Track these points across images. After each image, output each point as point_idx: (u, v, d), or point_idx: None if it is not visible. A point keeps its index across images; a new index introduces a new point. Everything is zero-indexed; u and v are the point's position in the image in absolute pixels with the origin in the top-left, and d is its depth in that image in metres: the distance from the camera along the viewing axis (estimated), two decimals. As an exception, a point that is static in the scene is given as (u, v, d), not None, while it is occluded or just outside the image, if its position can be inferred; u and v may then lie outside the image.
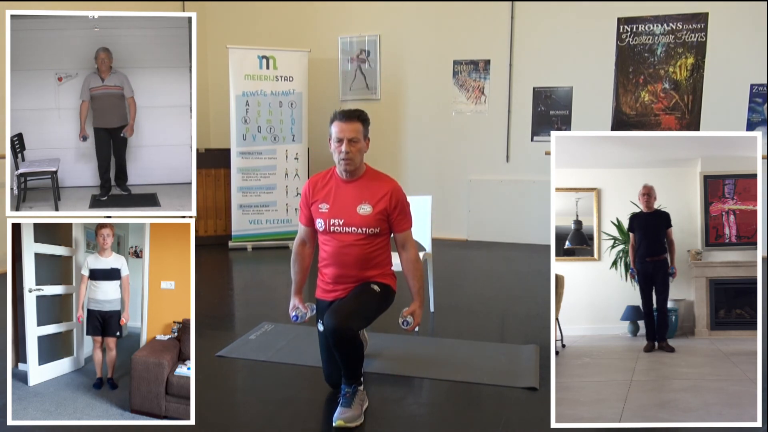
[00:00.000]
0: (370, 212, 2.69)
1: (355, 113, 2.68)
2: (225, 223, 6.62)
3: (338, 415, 2.56)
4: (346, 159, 2.66)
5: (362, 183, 2.75)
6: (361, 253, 2.71)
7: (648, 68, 6.24)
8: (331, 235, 2.73)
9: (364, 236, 2.70)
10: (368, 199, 2.71)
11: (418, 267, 2.81)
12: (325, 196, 2.75)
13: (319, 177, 2.82)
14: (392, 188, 2.74)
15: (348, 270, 2.73)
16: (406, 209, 2.79)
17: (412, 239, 2.84)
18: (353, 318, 2.59)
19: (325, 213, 2.73)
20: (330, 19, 7.13)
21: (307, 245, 2.90)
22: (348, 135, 2.64)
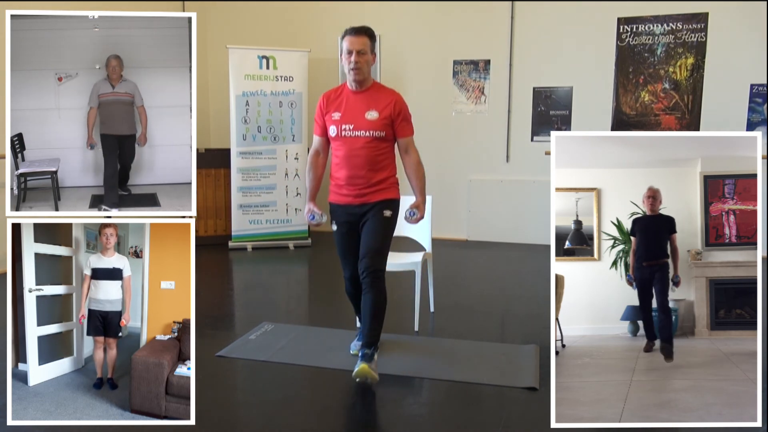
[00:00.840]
0: (376, 117, 3.03)
1: (363, 29, 3.02)
2: (225, 223, 6.62)
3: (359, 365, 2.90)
4: (355, 69, 2.99)
5: (369, 93, 3.09)
6: (370, 155, 3.04)
7: (648, 68, 6.24)
8: (343, 139, 3.06)
9: (372, 139, 3.03)
10: (375, 106, 3.05)
11: (420, 168, 3.16)
12: (337, 106, 3.09)
13: (331, 91, 3.18)
14: (396, 98, 3.10)
15: (358, 171, 3.04)
16: (408, 117, 3.14)
17: (414, 145, 3.18)
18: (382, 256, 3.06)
19: (337, 120, 3.07)
20: (330, 19, 7.13)
21: (321, 155, 3.24)
22: (357, 47, 2.97)
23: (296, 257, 6.16)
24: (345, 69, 3.03)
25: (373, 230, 3.06)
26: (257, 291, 5.02)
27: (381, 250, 3.06)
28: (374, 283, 3.00)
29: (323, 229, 7.26)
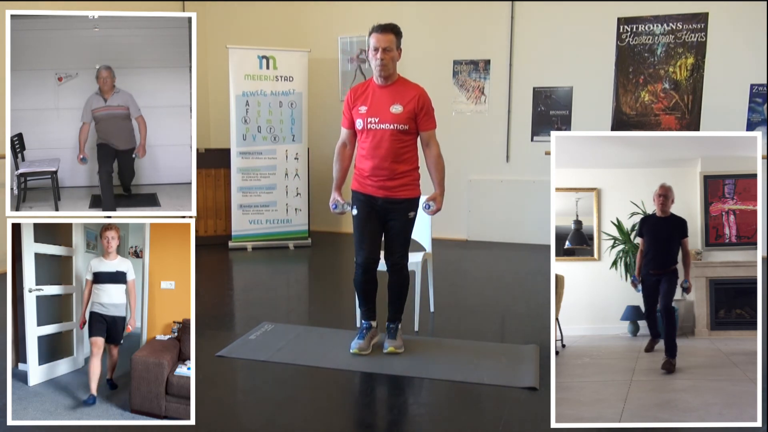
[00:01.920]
0: (401, 111, 3.16)
1: (389, 26, 3.17)
2: (225, 223, 6.61)
3: (388, 344, 3.34)
4: (381, 65, 3.13)
5: (394, 88, 3.22)
6: (393, 147, 3.18)
7: (648, 68, 6.24)
8: (369, 132, 3.19)
9: (396, 132, 3.17)
10: (399, 100, 3.18)
11: (440, 162, 3.32)
12: (364, 100, 3.23)
13: (359, 86, 3.31)
14: (420, 92, 3.23)
15: (382, 162, 3.19)
16: (431, 112, 3.27)
17: (435, 138, 3.31)
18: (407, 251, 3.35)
19: (363, 113, 3.20)
20: (330, 19, 7.13)
21: (348, 147, 3.37)
22: (383, 44, 3.12)
23: (296, 257, 6.16)
24: (372, 64, 3.17)
25: (400, 232, 3.29)
26: (257, 291, 5.02)
27: (406, 246, 3.35)
28: (401, 271, 3.33)
29: (323, 230, 7.26)
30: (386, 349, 3.34)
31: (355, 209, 3.29)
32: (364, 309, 3.41)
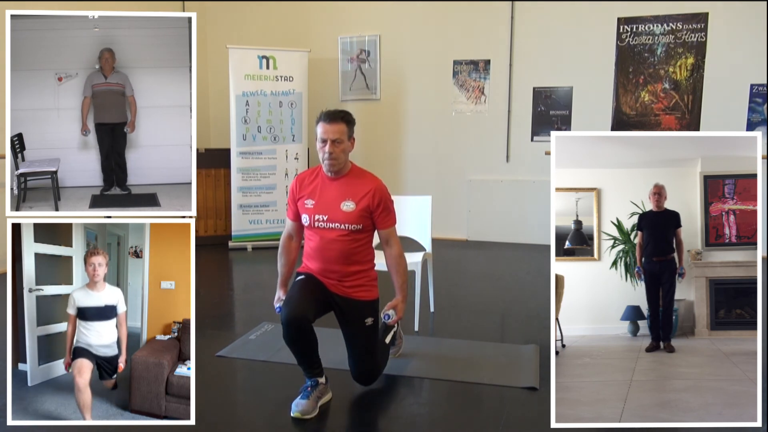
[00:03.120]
0: (353, 209, 2.77)
1: (339, 114, 2.75)
2: (225, 223, 6.62)
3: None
4: (330, 160, 2.74)
5: (346, 181, 2.82)
6: (344, 249, 2.79)
7: (648, 68, 6.24)
8: (316, 230, 2.81)
9: (347, 232, 2.78)
10: (351, 196, 2.79)
11: (402, 263, 2.89)
12: (311, 193, 2.83)
13: (306, 174, 2.91)
14: (375, 186, 2.81)
15: (331, 265, 2.80)
16: (390, 207, 2.86)
17: (396, 236, 2.90)
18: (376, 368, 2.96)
19: (310, 209, 2.81)
20: (330, 19, 7.13)
21: (294, 239, 2.99)
22: (332, 136, 2.71)
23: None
24: (319, 156, 2.78)
25: (360, 345, 2.87)
26: (257, 291, 5.02)
27: (373, 360, 2.93)
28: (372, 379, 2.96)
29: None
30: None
31: (300, 276, 2.87)
32: (303, 367, 2.77)
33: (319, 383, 2.75)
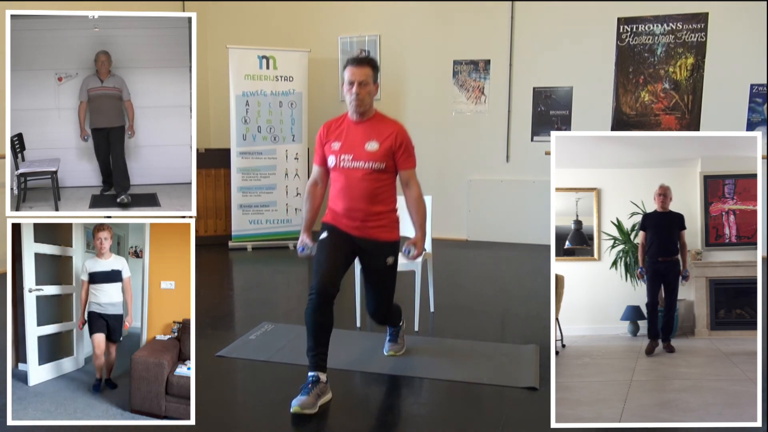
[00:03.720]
0: (377, 149, 2.92)
1: (365, 59, 2.94)
2: (225, 223, 6.62)
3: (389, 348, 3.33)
4: (356, 100, 2.89)
5: (371, 124, 2.97)
6: (369, 188, 2.93)
7: (648, 68, 6.24)
8: (341, 170, 2.95)
9: (371, 171, 2.92)
10: (376, 137, 2.94)
11: (421, 202, 3.07)
12: (337, 136, 2.98)
13: (332, 121, 3.06)
14: (398, 129, 2.99)
15: (356, 203, 2.93)
16: (410, 149, 3.04)
17: (415, 178, 3.08)
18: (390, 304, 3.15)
19: (336, 150, 2.96)
20: (330, 19, 7.13)
21: (319, 185, 3.11)
22: (359, 78, 2.87)
23: (296, 257, 6.14)
24: (346, 99, 2.93)
25: (381, 283, 3.06)
26: (257, 291, 5.02)
27: (390, 299, 3.13)
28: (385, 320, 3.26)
29: (323, 229, 7.24)
30: (387, 353, 3.34)
31: (324, 233, 2.97)
32: (313, 353, 2.79)
33: (320, 380, 2.77)
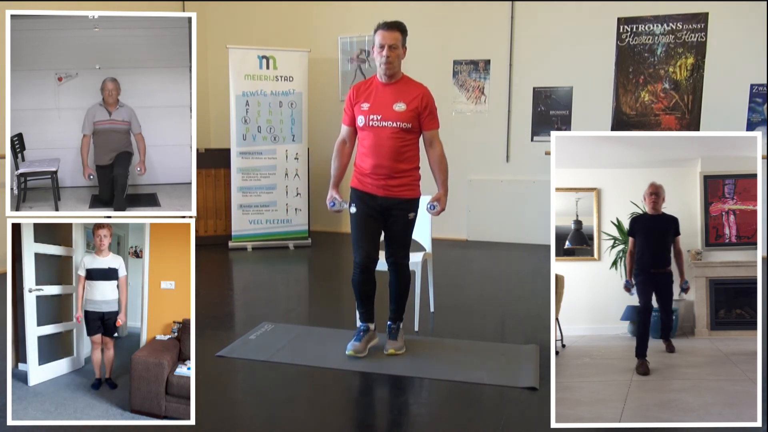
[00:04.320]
0: (404, 109, 3.14)
1: (395, 24, 3.17)
2: (225, 223, 6.62)
3: (389, 346, 3.34)
4: (387, 63, 3.11)
5: (398, 86, 3.19)
6: (395, 146, 3.15)
7: (648, 68, 6.24)
8: (370, 129, 3.16)
9: (398, 130, 3.14)
10: (403, 98, 3.16)
11: (443, 161, 3.30)
12: (367, 97, 3.20)
13: (362, 83, 3.29)
14: (424, 91, 3.20)
15: (383, 160, 3.15)
16: (434, 111, 3.24)
17: (438, 138, 3.29)
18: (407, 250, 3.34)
19: (365, 110, 3.17)
20: (330, 19, 7.13)
21: (347, 144, 3.33)
22: (389, 41, 3.11)
23: (296, 257, 6.16)
24: (376, 62, 3.15)
25: (400, 232, 3.27)
26: (257, 291, 5.02)
27: (407, 246, 3.34)
28: (402, 271, 3.32)
29: (323, 230, 7.26)
30: (387, 351, 3.33)
31: (353, 207, 3.25)
32: (362, 311, 3.38)
33: (370, 328, 3.36)
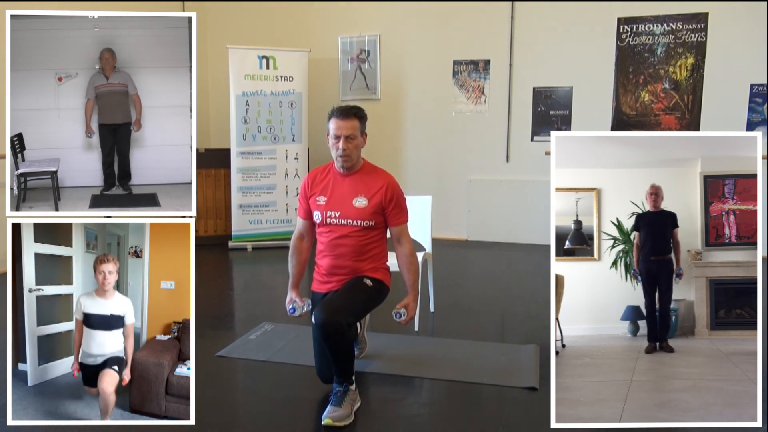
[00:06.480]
0: (365, 205, 2.76)
1: (352, 110, 2.74)
2: (225, 223, 6.62)
3: (327, 414, 2.57)
4: (343, 156, 2.73)
5: (359, 177, 2.81)
6: (356, 245, 2.78)
7: (648, 68, 6.24)
8: (328, 226, 2.81)
9: (359, 228, 2.78)
10: (364, 192, 2.78)
11: (413, 261, 2.86)
12: (323, 189, 2.82)
13: (318, 171, 2.89)
14: (388, 182, 2.81)
15: (343, 261, 2.79)
16: (402, 204, 2.84)
17: (408, 234, 2.88)
18: (343, 311, 2.61)
19: (322, 205, 2.81)
20: (330, 19, 7.13)
21: (305, 239, 2.96)
22: (345, 132, 2.70)
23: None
24: (332, 153, 2.76)
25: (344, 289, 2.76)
26: (257, 291, 5.02)
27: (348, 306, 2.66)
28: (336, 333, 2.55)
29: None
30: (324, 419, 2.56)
31: (313, 317, 2.63)
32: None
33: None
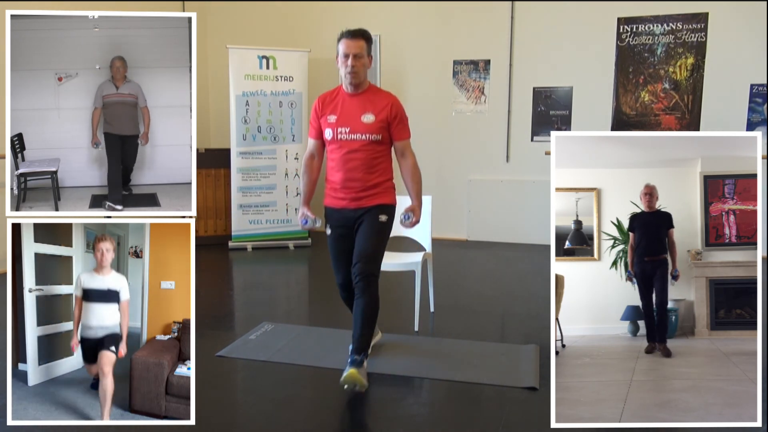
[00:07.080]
0: (373, 120, 2.99)
1: (359, 32, 2.98)
2: (225, 223, 6.62)
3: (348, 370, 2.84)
4: (351, 72, 2.95)
5: (366, 96, 3.04)
6: (366, 158, 3.00)
7: (648, 68, 6.24)
8: (339, 142, 3.02)
9: (368, 142, 2.99)
10: (371, 109, 3.01)
11: (417, 172, 3.12)
12: (333, 109, 3.05)
13: (327, 94, 3.12)
14: (392, 101, 3.05)
15: (354, 174, 3.01)
16: (405, 120, 3.09)
17: (410, 148, 3.13)
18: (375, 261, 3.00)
19: (332, 123, 3.02)
20: (330, 19, 7.13)
21: (316, 158, 3.17)
22: (354, 51, 2.93)
23: (296, 257, 6.16)
24: (341, 72, 3.00)
25: (367, 235, 3.01)
26: (257, 291, 5.02)
27: (375, 254, 3.01)
28: (367, 288, 2.94)
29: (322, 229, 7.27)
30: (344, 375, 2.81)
31: (328, 228, 3.11)
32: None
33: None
